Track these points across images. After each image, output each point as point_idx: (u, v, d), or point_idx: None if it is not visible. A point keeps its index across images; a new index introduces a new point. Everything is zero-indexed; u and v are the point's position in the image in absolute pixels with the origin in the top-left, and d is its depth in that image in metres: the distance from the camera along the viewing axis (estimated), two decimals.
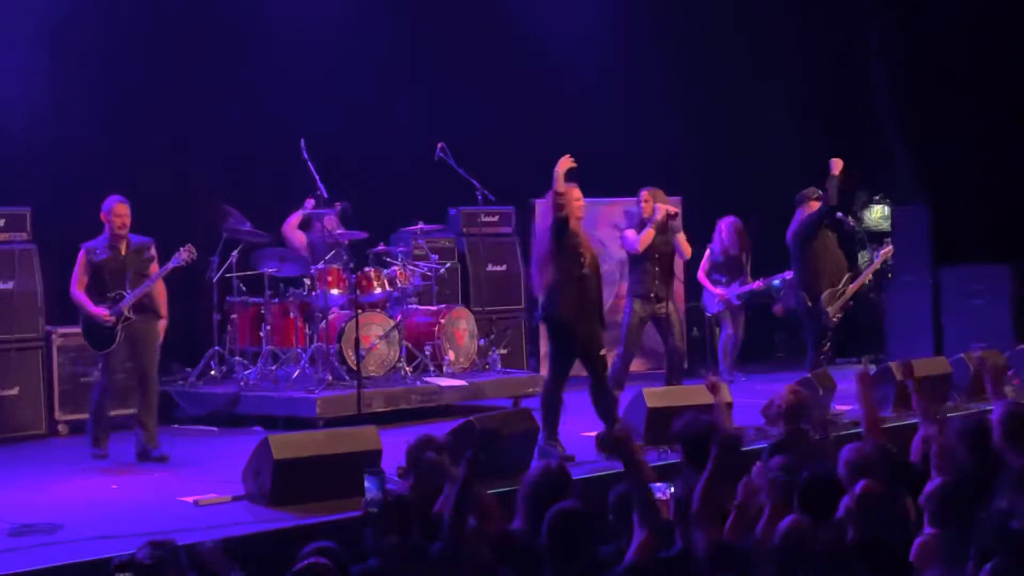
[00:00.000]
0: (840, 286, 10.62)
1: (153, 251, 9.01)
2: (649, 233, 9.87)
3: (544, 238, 8.42)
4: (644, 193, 10.31)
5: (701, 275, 12.50)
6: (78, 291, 8.82)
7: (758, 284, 12.32)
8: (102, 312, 8.69)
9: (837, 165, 10.39)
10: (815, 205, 10.61)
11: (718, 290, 12.32)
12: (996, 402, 7.07)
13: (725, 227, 12.43)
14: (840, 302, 10.60)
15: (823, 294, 10.52)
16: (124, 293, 8.74)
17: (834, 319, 10.59)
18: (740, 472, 5.29)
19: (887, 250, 11.50)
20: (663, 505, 5.25)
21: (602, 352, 8.44)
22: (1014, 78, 14.03)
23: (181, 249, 9.00)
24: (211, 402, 10.51)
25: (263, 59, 12.05)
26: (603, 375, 8.41)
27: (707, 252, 12.49)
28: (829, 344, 10.75)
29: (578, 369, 8.39)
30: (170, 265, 8.95)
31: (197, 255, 9.16)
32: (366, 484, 5.36)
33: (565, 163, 8.25)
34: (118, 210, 8.83)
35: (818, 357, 10.57)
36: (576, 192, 8.48)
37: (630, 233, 10.19)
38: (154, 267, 8.95)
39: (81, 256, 8.84)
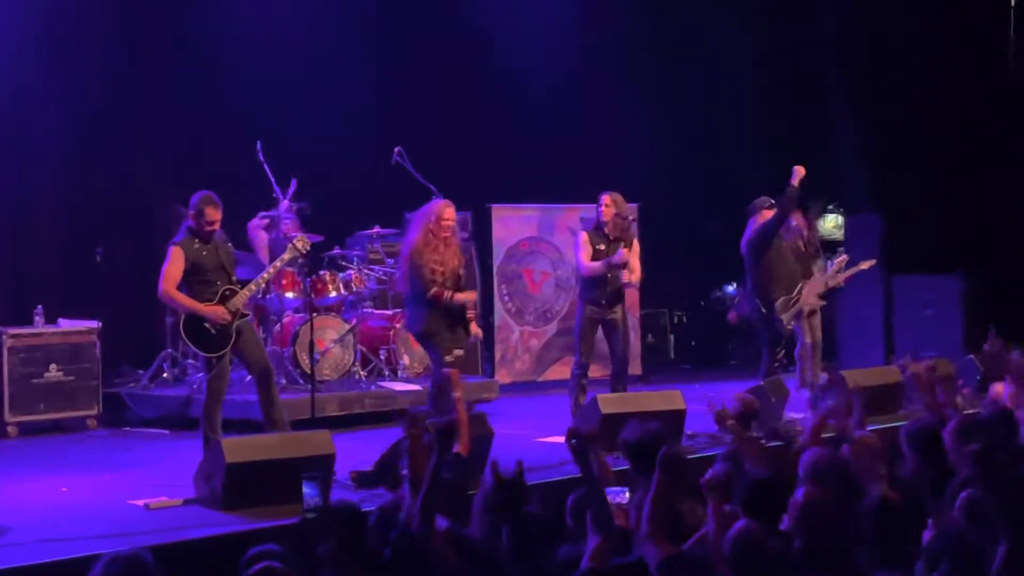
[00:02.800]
0: (794, 294, 10.68)
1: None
2: (598, 267, 9.91)
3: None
4: (605, 198, 10.19)
5: None
6: (174, 291, 8.04)
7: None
8: (218, 310, 8.06)
9: (798, 174, 10.39)
10: (768, 214, 10.64)
11: None
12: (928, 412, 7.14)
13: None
14: (794, 310, 10.66)
15: (777, 302, 10.57)
16: (235, 288, 8.18)
17: (788, 326, 10.64)
18: (689, 483, 5.29)
19: (841, 259, 11.49)
20: (620, 510, 5.25)
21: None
22: (965, 90, 14.20)
23: (294, 240, 8.75)
24: (163, 405, 10.44)
25: (219, 60, 11.99)
26: None
27: None
28: (783, 352, 10.80)
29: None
30: (285, 256, 8.64)
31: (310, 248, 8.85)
32: (305, 490, 5.28)
33: None
34: (209, 216, 8.12)
35: (772, 365, 10.62)
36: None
37: (582, 255, 10.07)
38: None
39: (176, 253, 8.06)
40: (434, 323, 8.66)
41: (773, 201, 10.59)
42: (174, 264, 8.04)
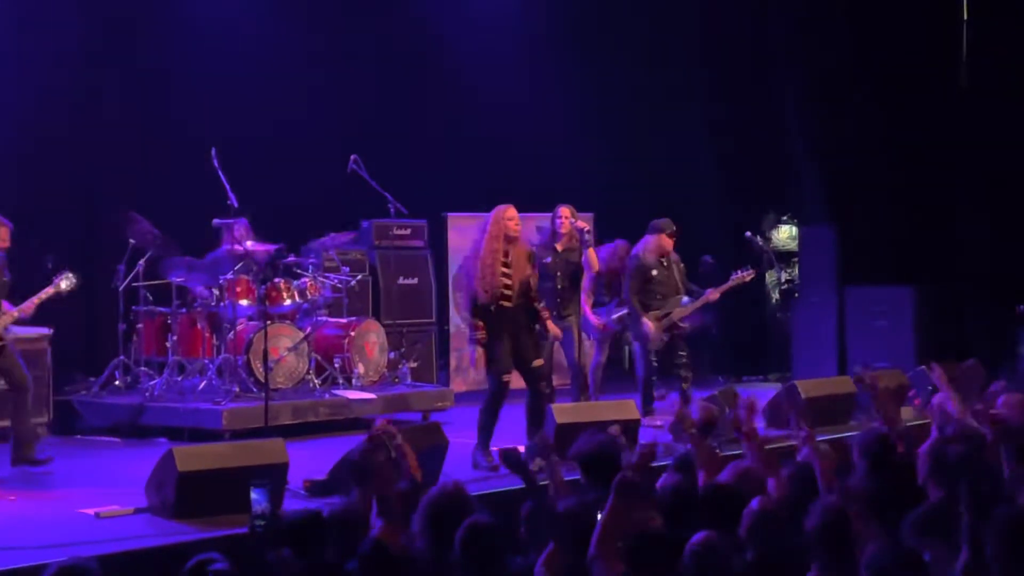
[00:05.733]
0: (665, 310, 10.72)
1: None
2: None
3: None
4: (564, 210, 10.34)
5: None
6: None
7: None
8: None
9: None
10: (666, 240, 10.65)
11: (595, 318, 11.30)
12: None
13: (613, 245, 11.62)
14: (664, 323, 10.71)
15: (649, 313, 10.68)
16: None
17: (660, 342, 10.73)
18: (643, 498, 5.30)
19: (747, 275, 11.28)
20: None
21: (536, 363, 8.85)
22: (920, 101, 14.31)
23: (58, 276, 8.80)
24: (115, 413, 10.35)
25: (173, 65, 11.93)
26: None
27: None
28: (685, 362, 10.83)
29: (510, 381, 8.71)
30: (51, 290, 8.74)
31: (79, 280, 8.91)
32: (254, 497, 5.21)
33: None
34: None
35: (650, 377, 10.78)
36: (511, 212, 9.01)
37: None
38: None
39: None
40: None
41: (674, 227, 10.66)
42: None
